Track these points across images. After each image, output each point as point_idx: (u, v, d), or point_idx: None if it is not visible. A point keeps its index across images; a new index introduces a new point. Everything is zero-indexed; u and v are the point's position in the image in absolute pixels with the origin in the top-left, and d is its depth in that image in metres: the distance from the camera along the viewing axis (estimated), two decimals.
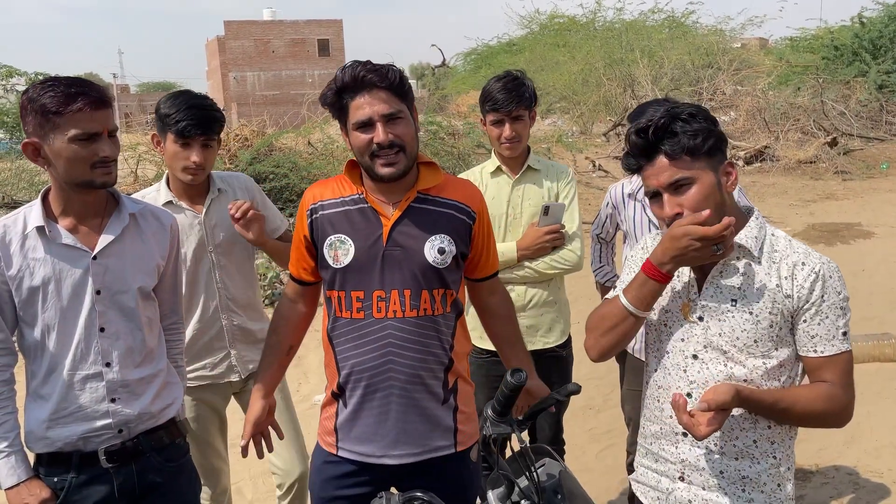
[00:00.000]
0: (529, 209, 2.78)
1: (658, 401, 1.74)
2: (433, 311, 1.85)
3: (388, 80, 1.78)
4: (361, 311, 1.84)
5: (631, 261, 1.86)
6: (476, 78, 26.36)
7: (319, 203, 1.91)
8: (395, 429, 1.85)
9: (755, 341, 1.62)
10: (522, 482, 1.46)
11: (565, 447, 2.98)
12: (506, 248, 2.71)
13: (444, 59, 30.44)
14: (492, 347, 2.83)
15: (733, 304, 1.63)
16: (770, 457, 1.65)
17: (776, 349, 1.63)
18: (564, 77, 20.26)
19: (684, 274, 1.71)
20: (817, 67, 19.29)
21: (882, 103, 17.83)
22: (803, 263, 1.62)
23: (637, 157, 1.64)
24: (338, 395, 1.91)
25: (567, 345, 2.90)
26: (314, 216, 1.91)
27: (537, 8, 32.32)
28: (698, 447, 1.67)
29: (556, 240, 2.71)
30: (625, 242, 3.06)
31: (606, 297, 1.86)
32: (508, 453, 1.70)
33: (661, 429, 1.74)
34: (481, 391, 2.66)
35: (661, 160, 1.60)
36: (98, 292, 1.89)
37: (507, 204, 2.79)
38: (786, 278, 1.61)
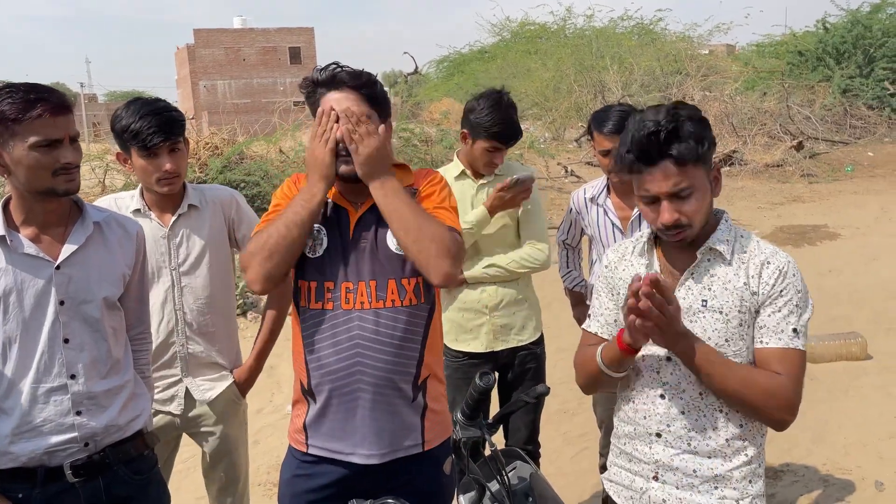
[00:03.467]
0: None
1: (632, 402, 1.75)
2: (401, 302, 1.84)
3: (360, 83, 1.83)
4: (330, 302, 1.84)
5: (597, 285, 1.87)
6: (448, 85, 26.41)
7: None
8: (363, 427, 1.84)
9: (726, 340, 1.64)
10: (494, 486, 1.45)
11: (540, 450, 3.00)
12: (474, 213, 2.75)
13: (417, 67, 30.44)
14: (467, 349, 2.86)
15: (704, 304, 1.65)
16: (742, 454, 1.67)
17: (746, 347, 1.65)
18: (536, 84, 20.41)
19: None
20: (783, 73, 19.65)
21: (846, 107, 18.20)
22: (769, 262, 1.64)
23: (640, 161, 1.59)
24: (307, 392, 1.90)
25: (540, 342, 2.94)
26: None
27: (507, 16, 32.51)
28: (672, 447, 1.69)
29: (522, 190, 2.73)
30: (590, 246, 3.10)
31: (584, 327, 1.87)
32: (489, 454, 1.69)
33: (634, 430, 1.75)
34: (459, 394, 2.67)
35: (668, 167, 1.57)
36: (62, 303, 1.85)
37: (472, 207, 2.81)
38: (753, 276, 1.64)
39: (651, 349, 1.70)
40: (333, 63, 1.89)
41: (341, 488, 1.87)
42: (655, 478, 1.72)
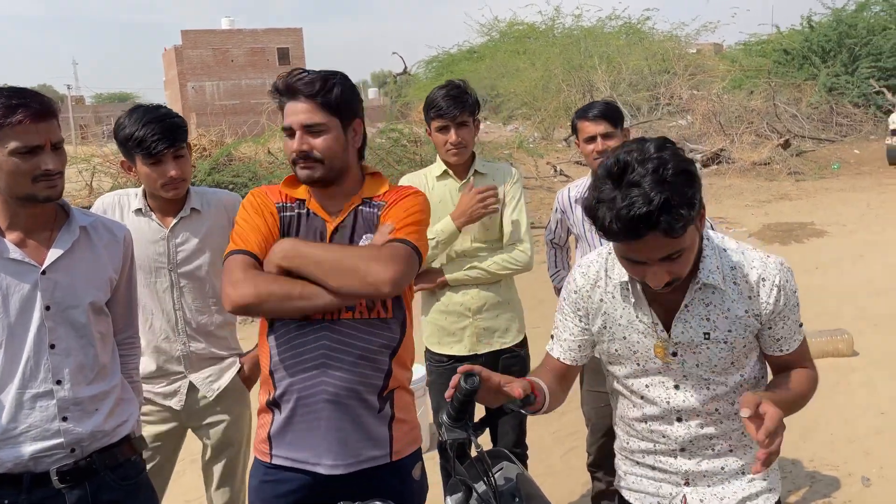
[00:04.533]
0: None
1: (645, 423, 1.74)
2: (369, 314, 1.84)
3: (314, 91, 1.81)
4: None
5: (563, 305, 1.78)
6: (437, 85, 26.44)
7: (275, 203, 1.92)
8: (327, 438, 1.84)
9: (732, 363, 1.65)
10: (480, 487, 1.46)
11: (528, 451, 3.00)
12: (441, 224, 2.71)
13: (406, 67, 30.46)
14: (450, 352, 2.86)
15: (706, 337, 1.61)
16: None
17: (746, 358, 1.68)
18: (525, 83, 20.48)
19: (646, 316, 1.64)
20: (769, 71, 19.80)
21: (832, 105, 18.37)
22: (764, 279, 1.60)
23: (626, 237, 1.41)
24: (272, 403, 1.89)
25: (524, 344, 2.94)
26: (280, 214, 1.90)
27: (496, 16, 32.61)
28: (697, 456, 1.71)
29: (489, 200, 2.67)
30: (577, 245, 3.12)
31: (547, 349, 1.81)
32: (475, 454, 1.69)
33: (654, 446, 1.75)
34: (445, 399, 2.66)
35: (657, 238, 1.40)
36: (47, 308, 1.84)
37: (454, 206, 2.80)
38: (751, 298, 1.60)
39: (655, 379, 1.68)
40: (297, 69, 1.87)
41: (309, 494, 1.88)
42: (687, 483, 1.73)
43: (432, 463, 3.21)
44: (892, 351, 5.31)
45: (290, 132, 1.84)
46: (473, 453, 1.48)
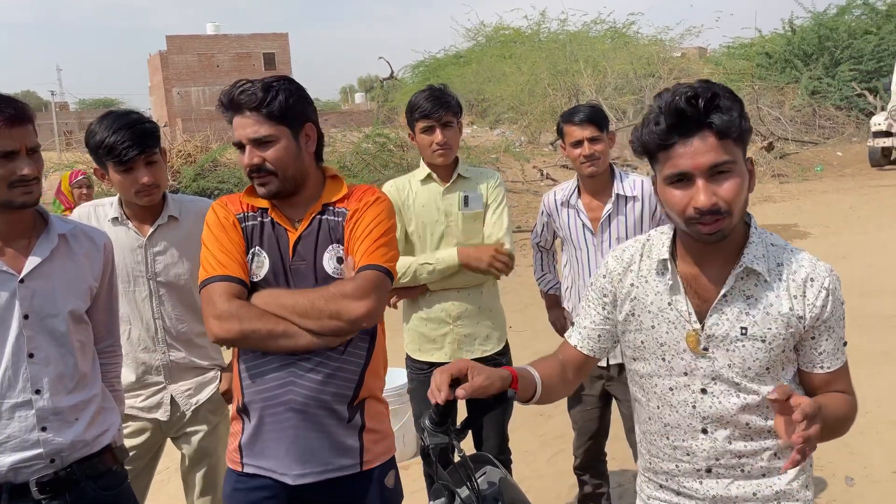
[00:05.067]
0: (463, 217, 2.80)
1: (667, 438, 1.58)
2: None
3: (257, 103, 1.79)
4: None
5: (589, 292, 1.68)
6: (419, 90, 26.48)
7: (237, 214, 1.90)
8: (295, 448, 1.84)
9: (767, 369, 1.49)
10: (464, 492, 1.46)
11: (512, 456, 3.00)
12: (444, 254, 2.73)
13: (393, 72, 30.44)
14: (430, 359, 2.85)
15: (743, 332, 1.47)
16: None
17: (783, 369, 1.51)
18: (511, 88, 20.56)
19: (680, 303, 1.52)
20: (752, 74, 19.98)
21: (814, 108, 18.57)
22: (812, 280, 1.48)
23: (673, 131, 1.37)
24: (241, 410, 1.90)
25: (505, 352, 2.92)
26: (242, 224, 1.89)
27: (482, 20, 32.79)
28: (725, 478, 1.54)
29: (499, 264, 2.70)
30: (563, 249, 3.13)
31: (566, 336, 1.73)
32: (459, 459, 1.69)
33: (677, 467, 1.58)
34: (426, 407, 2.66)
35: (709, 138, 1.35)
36: (26, 317, 1.82)
37: (438, 211, 2.81)
38: (796, 297, 1.47)
39: (680, 380, 1.53)
40: (242, 81, 1.84)
41: (280, 502, 1.88)
42: None
43: (417, 468, 3.20)
44: (876, 351, 5.35)
45: (240, 147, 1.83)
46: (457, 458, 1.48)
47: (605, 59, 20.12)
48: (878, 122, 14.52)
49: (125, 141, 2.25)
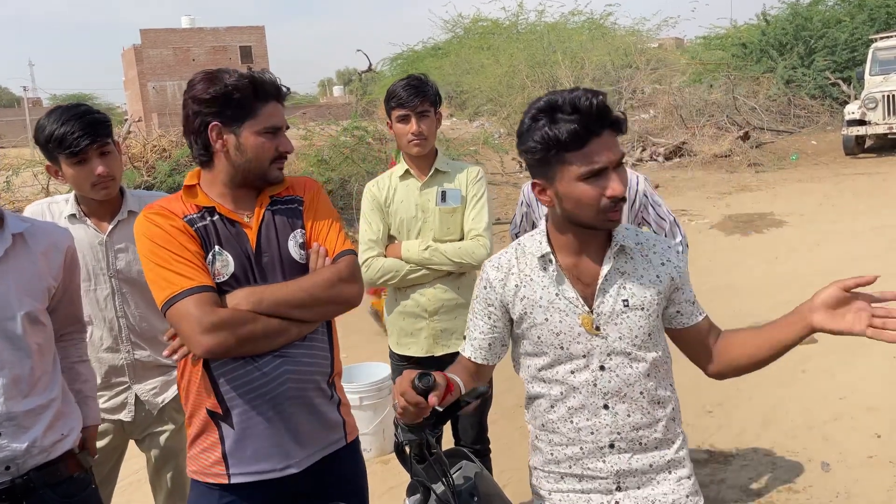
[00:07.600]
0: (440, 212, 2.79)
1: (570, 421, 1.68)
2: None
3: (282, 95, 1.86)
4: None
5: (474, 305, 1.78)
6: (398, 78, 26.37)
7: (184, 217, 1.80)
8: (293, 434, 1.83)
9: (649, 335, 1.66)
10: (439, 488, 1.45)
11: (490, 446, 3.00)
12: (410, 244, 2.77)
13: (371, 64, 30.26)
14: (411, 353, 2.85)
15: (625, 304, 1.64)
16: (679, 435, 1.74)
17: (660, 333, 1.70)
18: (489, 80, 20.51)
19: (567, 291, 1.65)
20: (728, 65, 20.12)
21: (790, 98, 18.71)
22: (668, 246, 1.72)
23: (588, 132, 1.52)
24: (219, 418, 1.81)
25: None
26: (194, 227, 1.79)
27: (460, 12, 32.66)
28: (626, 451, 1.68)
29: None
30: None
31: (460, 350, 1.83)
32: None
33: (580, 449, 1.69)
34: None
35: (613, 135, 1.55)
36: None
37: (416, 207, 2.79)
38: (662, 264, 1.68)
39: (580, 362, 1.65)
40: (256, 71, 1.87)
41: (281, 502, 1.86)
42: (619, 488, 1.69)
43: (397, 463, 3.18)
44: (850, 338, 5.41)
45: (273, 132, 1.83)
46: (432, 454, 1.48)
47: (583, 50, 20.17)
48: (852, 110, 14.67)
49: (75, 131, 2.17)
